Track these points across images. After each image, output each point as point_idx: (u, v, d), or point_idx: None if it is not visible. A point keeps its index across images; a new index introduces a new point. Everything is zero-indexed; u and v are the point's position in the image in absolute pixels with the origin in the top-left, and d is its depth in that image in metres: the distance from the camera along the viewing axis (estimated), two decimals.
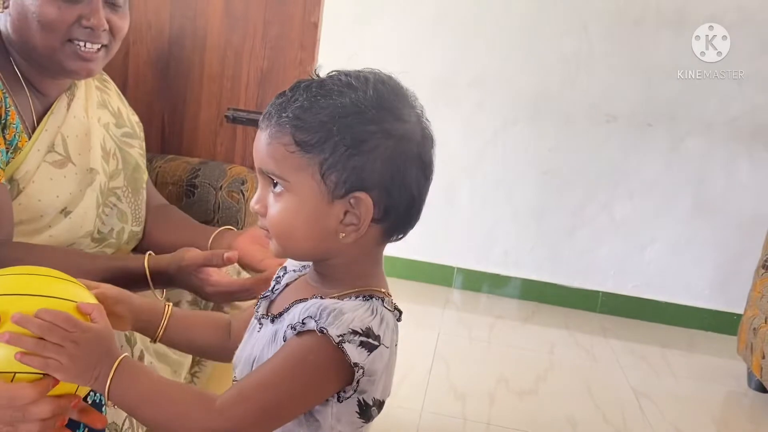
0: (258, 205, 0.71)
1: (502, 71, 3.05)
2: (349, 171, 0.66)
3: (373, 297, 0.69)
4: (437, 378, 2.25)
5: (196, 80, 1.62)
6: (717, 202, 3.05)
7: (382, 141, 0.67)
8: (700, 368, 2.75)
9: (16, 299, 0.68)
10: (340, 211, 0.68)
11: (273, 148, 0.68)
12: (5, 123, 1.04)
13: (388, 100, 0.68)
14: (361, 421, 0.69)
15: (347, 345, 0.64)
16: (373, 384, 0.67)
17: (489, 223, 3.17)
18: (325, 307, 0.66)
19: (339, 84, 0.68)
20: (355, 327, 0.65)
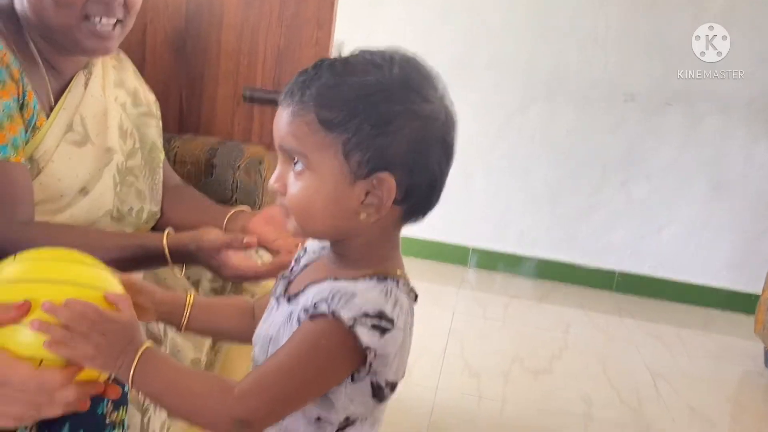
0: (277, 184, 0.70)
1: (518, 52, 3.02)
2: (372, 151, 0.65)
3: (388, 278, 0.69)
4: (452, 357, 2.27)
5: (213, 58, 1.62)
6: (735, 182, 3.02)
7: (408, 121, 0.66)
8: (716, 348, 2.74)
9: (46, 286, 0.69)
10: (362, 191, 0.67)
11: (295, 125, 0.67)
12: (23, 102, 1.05)
13: (414, 80, 0.68)
14: (374, 401, 0.70)
15: (359, 328, 0.64)
16: (386, 366, 0.67)
17: (505, 202, 3.16)
18: (338, 290, 0.66)
19: (364, 62, 0.67)
20: (368, 310, 0.65)
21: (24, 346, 0.66)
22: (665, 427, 2.01)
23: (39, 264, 0.72)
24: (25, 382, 0.65)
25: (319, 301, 0.66)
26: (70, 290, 0.69)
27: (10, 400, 0.64)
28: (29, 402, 0.65)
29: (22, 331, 0.66)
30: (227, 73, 1.62)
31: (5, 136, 0.99)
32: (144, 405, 0.97)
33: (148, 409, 0.98)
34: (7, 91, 1.01)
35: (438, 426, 1.84)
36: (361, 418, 0.71)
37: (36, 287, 0.69)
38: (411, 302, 0.71)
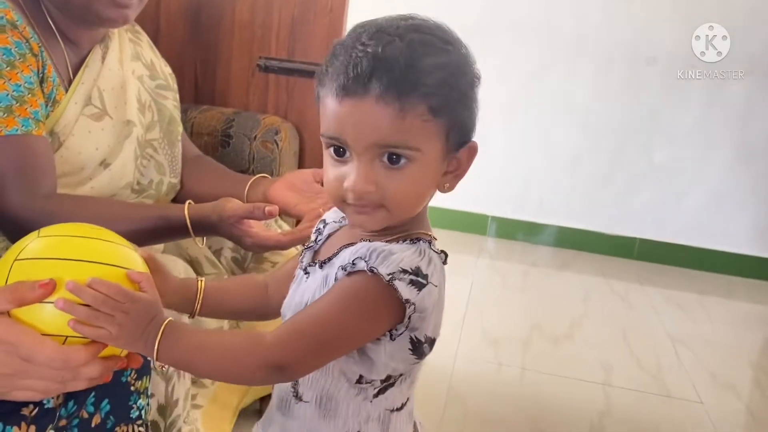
0: (372, 186, 0.66)
1: (537, 14, 2.97)
2: (462, 124, 0.68)
3: (420, 240, 0.70)
4: (471, 325, 2.28)
5: (228, 28, 1.61)
6: (760, 147, 2.96)
7: (475, 90, 0.69)
8: (738, 315, 2.72)
9: (70, 264, 0.69)
10: (450, 163, 0.70)
11: (408, 121, 0.64)
12: (43, 76, 1.05)
13: (465, 47, 0.69)
14: (414, 357, 0.70)
15: (398, 282, 0.65)
16: (424, 321, 0.68)
17: (524, 170, 3.14)
18: (374, 248, 0.66)
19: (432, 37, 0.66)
20: (405, 266, 0.65)
21: (49, 323, 0.67)
22: (686, 393, 2.01)
23: (62, 241, 0.72)
24: (52, 359, 0.66)
25: (357, 258, 0.66)
26: (93, 268, 0.69)
27: (36, 375, 0.66)
28: (54, 377, 0.67)
29: (47, 309, 0.67)
30: (242, 44, 1.61)
31: (27, 110, 1.00)
32: (167, 373, 0.99)
33: (171, 377, 1.00)
34: (27, 65, 1.02)
35: (457, 394, 1.86)
36: (400, 378, 0.73)
37: (60, 265, 0.69)
38: (442, 263, 0.72)
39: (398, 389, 0.73)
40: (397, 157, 0.66)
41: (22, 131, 0.99)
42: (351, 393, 0.72)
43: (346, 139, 0.66)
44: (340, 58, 0.66)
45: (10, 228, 1.02)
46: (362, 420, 0.73)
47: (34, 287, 0.66)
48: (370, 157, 0.66)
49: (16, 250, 0.72)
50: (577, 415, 1.83)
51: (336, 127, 0.66)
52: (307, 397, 0.73)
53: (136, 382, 0.80)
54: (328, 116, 0.67)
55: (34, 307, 0.67)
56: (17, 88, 0.99)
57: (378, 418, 0.73)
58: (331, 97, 0.66)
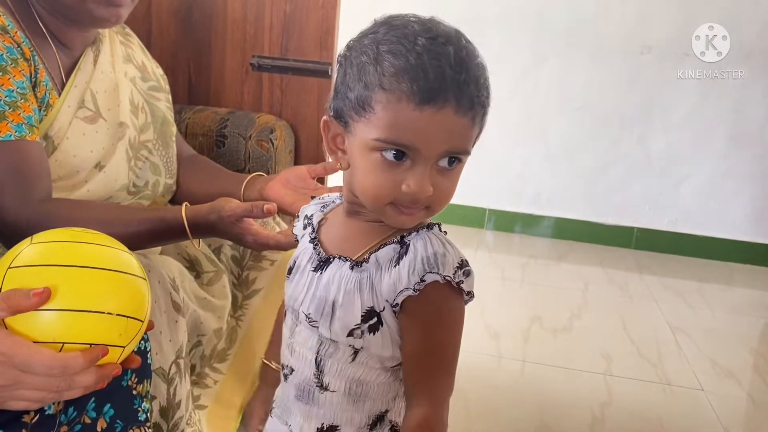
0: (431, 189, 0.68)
1: (530, 5, 2.96)
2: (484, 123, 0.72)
3: (431, 224, 0.73)
4: (471, 318, 2.26)
5: (220, 27, 1.60)
6: (755, 134, 2.96)
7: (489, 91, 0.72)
8: (737, 301, 2.73)
9: (64, 270, 0.68)
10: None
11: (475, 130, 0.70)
12: (36, 81, 1.05)
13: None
14: None
15: (462, 281, 0.69)
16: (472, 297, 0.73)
17: (520, 162, 3.14)
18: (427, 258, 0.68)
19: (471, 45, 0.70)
20: (455, 262, 0.69)
21: (44, 331, 0.67)
22: (687, 381, 2.01)
23: (56, 247, 0.71)
24: (50, 367, 0.65)
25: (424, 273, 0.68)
26: (87, 273, 0.69)
27: (32, 385, 0.65)
28: (50, 387, 0.66)
29: (42, 316, 0.66)
30: (234, 43, 1.60)
31: (20, 116, 1.00)
32: (169, 375, 0.99)
33: (173, 378, 0.99)
34: (19, 70, 1.01)
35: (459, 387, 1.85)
36: None
37: (54, 271, 0.68)
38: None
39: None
40: (456, 161, 0.69)
41: (15, 137, 0.99)
42: (382, 377, 0.74)
43: (419, 146, 0.65)
44: (401, 61, 0.64)
45: (6, 234, 1.02)
46: (390, 398, 0.76)
47: (28, 295, 0.65)
48: (427, 162, 0.67)
49: (9, 257, 0.71)
50: (579, 406, 1.84)
51: (409, 134, 0.65)
52: (334, 387, 0.75)
53: (137, 386, 0.80)
54: (395, 122, 0.65)
55: (29, 315, 0.66)
56: (10, 94, 0.99)
57: (403, 395, 0.76)
58: (401, 102, 0.64)
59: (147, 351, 0.84)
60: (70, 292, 0.67)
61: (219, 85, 1.63)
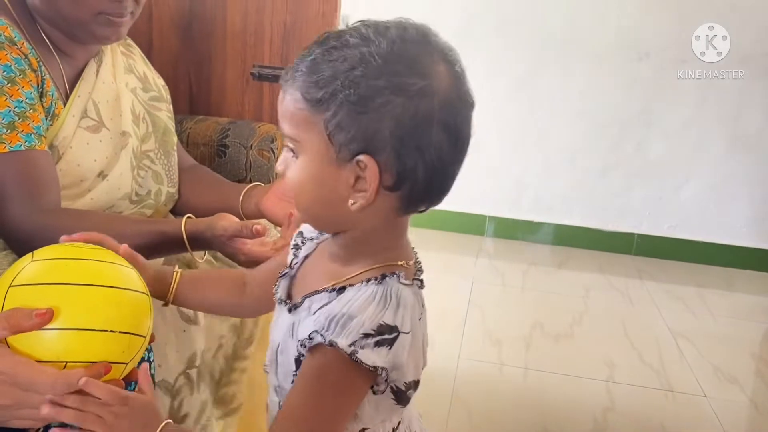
0: (281, 167, 0.68)
1: (527, 12, 2.97)
2: (354, 131, 0.60)
3: (387, 277, 0.65)
4: (473, 325, 2.28)
5: (220, 38, 1.61)
6: (754, 138, 2.97)
7: (392, 98, 0.60)
8: (738, 306, 2.73)
9: (66, 289, 0.68)
10: (351, 176, 0.62)
11: (287, 105, 0.64)
12: (42, 91, 1.06)
13: (407, 52, 0.61)
14: (399, 406, 0.68)
15: (361, 353, 0.61)
16: (403, 372, 0.64)
17: (520, 169, 3.14)
18: (333, 317, 0.63)
19: (355, 35, 0.62)
20: (366, 330, 0.61)
21: (46, 350, 0.67)
22: (689, 387, 2.01)
23: (57, 265, 0.71)
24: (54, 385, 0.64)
25: (314, 333, 0.63)
26: (89, 291, 0.69)
27: (36, 404, 0.65)
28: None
29: (44, 335, 0.66)
30: (235, 53, 1.61)
31: (29, 125, 1.01)
32: (175, 387, 0.99)
33: (179, 391, 0.99)
34: (27, 80, 1.03)
35: (461, 394, 1.86)
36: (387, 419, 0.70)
37: (55, 290, 0.68)
38: (416, 292, 0.67)
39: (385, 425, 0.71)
40: (292, 145, 0.66)
41: (25, 146, 1.00)
42: None
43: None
44: None
45: (15, 242, 1.02)
46: None
47: (30, 315, 0.65)
48: (285, 142, 0.67)
49: (10, 275, 0.71)
50: (581, 413, 1.83)
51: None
52: None
53: None
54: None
55: (31, 334, 0.66)
56: (19, 104, 1.00)
57: None
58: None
59: (150, 361, 0.84)
60: (72, 311, 0.67)
61: (220, 95, 1.64)
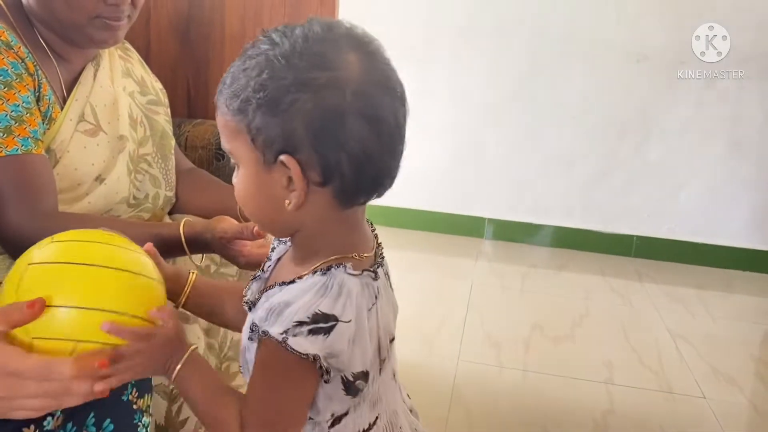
0: (234, 181, 0.69)
1: (527, 13, 2.98)
2: (272, 133, 0.61)
3: (332, 268, 0.65)
4: (472, 328, 2.28)
5: (218, 41, 1.61)
6: (753, 140, 2.97)
7: (298, 94, 0.60)
8: (738, 308, 2.73)
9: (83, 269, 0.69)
10: (282, 178, 0.63)
11: (218, 120, 0.66)
12: (39, 95, 1.06)
13: (309, 48, 0.61)
14: (349, 397, 0.68)
15: (292, 340, 0.62)
16: (345, 361, 0.65)
17: (519, 171, 3.14)
18: (272, 308, 0.64)
19: (265, 41, 0.63)
20: (300, 318, 0.62)
21: (58, 328, 0.67)
22: (689, 389, 2.01)
23: (75, 246, 0.72)
24: (33, 369, 0.64)
25: (254, 324, 0.66)
26: (105, 273, 0.69)
27: (28, 392, 0.65)
28: (46, 392, 0.65)
29: (57, 314, 0.66)
30: (233, 56, 1.59)
31: (26, 130, 1.01)
32: (173, 392, 0.99)
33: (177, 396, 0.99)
34: (24, 85, 1.03)
35: (460, 397, 1.85)
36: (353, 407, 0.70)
37: (72, 270, 0.69)
38: (366, 282, 0.67)
39: (356, 414, 0.70)
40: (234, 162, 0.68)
41: (22, 150, 1.00)
42: (308, 428, 0.70)
43: None
44: None
45: (12, 247, 1.02)
46: None
47: (22, 309, 0.65)
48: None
49: (29, 255, 0.72)
50: (581, 414, 1.83)
51: None
52: None
53: (138, 400, 0.80)
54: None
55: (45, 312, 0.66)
56: (15, 108, 1.00)
57: None
58: None
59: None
60: (86, 291, 0.68)
61: None
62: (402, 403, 0.80)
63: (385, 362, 0.72)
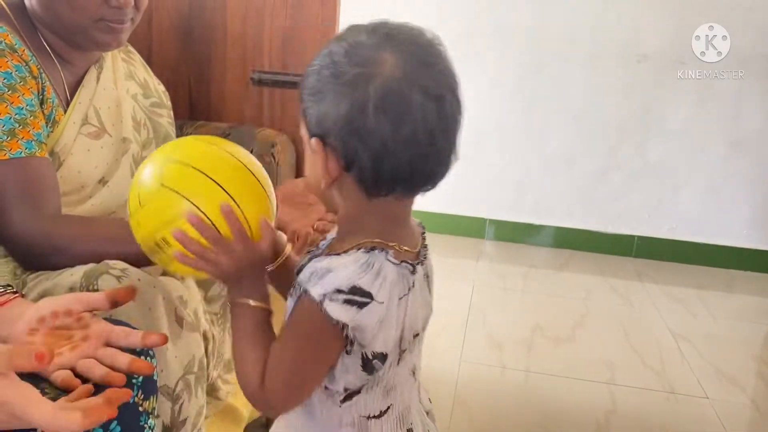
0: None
1: (526, 14, 2.98)
2: (312, 119, 0.69)
3: (376, 249, 0.68)
4: (474, 328, 2.28)
5: (220, 43, 1.61)
6: (753, 139, 2.98)
7: (333, 87, 0.67)
8: (739, 308, 2.73)
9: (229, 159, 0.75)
10: (322, 159, 0.69)
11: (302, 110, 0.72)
12: (43, 98, 1.06)
13: (352, 46, 0.67)
14: (364, 374, 0.70)
15: (328, 304, 0.65)
16: (369, 338, 0.68)
17: (519, 172, 3.15)
18: (316, 270, 0.68)
19: (336, 37, 0.70)
20: (340, 285, 0.66)
21: (186, 188, 0.72)
22: (691, 389, 2.01)
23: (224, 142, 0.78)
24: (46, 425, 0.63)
25: (297, 282, 0.69)
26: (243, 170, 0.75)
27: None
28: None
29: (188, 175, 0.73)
30: (234, 58, 1.61)
31: (29, 132, 1.01)
32: (175, 392, 0.99)
33: (179, 396, 0.99)
34: (28, 87, 1.03)
35: (463, 398, 1.85)
36: (366, 387, 0.72)
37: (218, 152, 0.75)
38: (403, 273, 0.70)
39: (368, 396, 0.73)
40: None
41: (26, 153, 1.00)
42: (323, 397, 0.73)
43: None
44: None
45: (17, 249, 1.02)
46: (335, 424, 0.74)
47: (30, 357, 0.62)
48: None
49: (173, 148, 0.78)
50: (583, 416, 1.83)
51: None
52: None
53: (143, 402, 0.80)
54: None
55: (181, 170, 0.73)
56: (19, 111, 1.00)
57: (352, 423, 0.73)
58: None
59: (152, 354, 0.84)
60: (224, 172, 0.73)
61: (220, 100, 1.64)
62: (418, 402, 0.81)
63: (405, 354, 0.74)
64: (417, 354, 0.78)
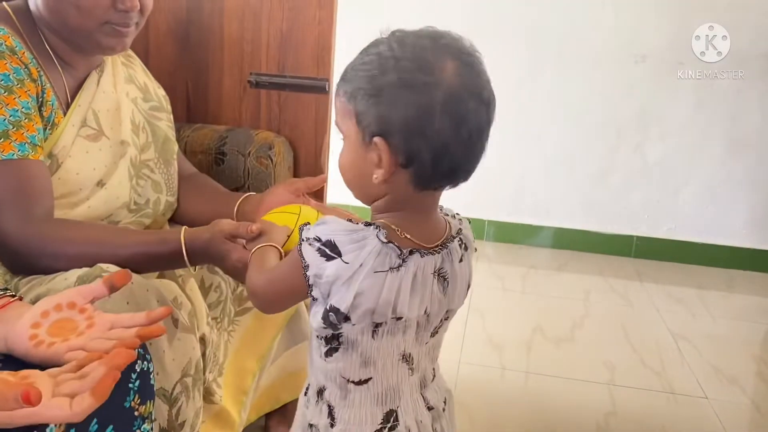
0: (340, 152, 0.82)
1: (525, 14, 2.98)
2: (372, 118, 0.74)
3: (372, 225, 0.76)
4: (473, 330, 2.28)
5: (217, 46, 1.61)
6: (752, 139, 2.97)
7: (399, 91, 0.72)
8: (738, 308, 2.73)
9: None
10: (374, 155, 0.75)
11: (335, 101, 0.79)
12: (42, 100, 1.07)
13: (416, 54, 0.73)
14: (324, 325, 0.78)
15: (305, 245, 0.76)
16: (327, 288, 0.75)
17: (518, 173, 3.14)
18: (321, 220, 0.78)
19: (383, 42, 0.75)
20: (320, 236, 0.75)
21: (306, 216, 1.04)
22: (691, 389, 2.01)
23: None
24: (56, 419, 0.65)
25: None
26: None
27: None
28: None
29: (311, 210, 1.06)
30: (232, 60, 1.61)
31: (23, 135, 1.01)
32: (173, 395, 0.99)
33: (177, 398, 0.99)
34: (25, 90, 1.03)
35: (463, 399, 1.85)
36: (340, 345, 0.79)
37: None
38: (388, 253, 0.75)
39: (345, 359, 0.79)
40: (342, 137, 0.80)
41: (18, 155, 1.00)
42: (315, 344, 0.82)
43: None
44: None
45: (6, 252, 1.02)
46: (322, 377, 0.82)
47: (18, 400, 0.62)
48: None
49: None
50: (583, 416, 1.83)
51: None
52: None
53: (140, 407, 0.80)
54: None
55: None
56: (14, 113, 1.01)
57: (335, 381, 0.81)
58: None
59: (149, 372, 0.84)
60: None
61: (217, 102, 1.64)
62: (415, 391, 0.86)
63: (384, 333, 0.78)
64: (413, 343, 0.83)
